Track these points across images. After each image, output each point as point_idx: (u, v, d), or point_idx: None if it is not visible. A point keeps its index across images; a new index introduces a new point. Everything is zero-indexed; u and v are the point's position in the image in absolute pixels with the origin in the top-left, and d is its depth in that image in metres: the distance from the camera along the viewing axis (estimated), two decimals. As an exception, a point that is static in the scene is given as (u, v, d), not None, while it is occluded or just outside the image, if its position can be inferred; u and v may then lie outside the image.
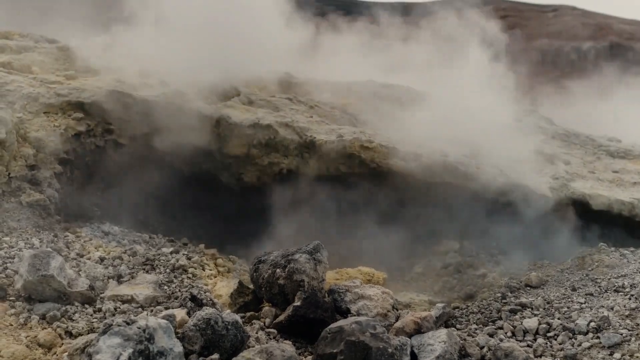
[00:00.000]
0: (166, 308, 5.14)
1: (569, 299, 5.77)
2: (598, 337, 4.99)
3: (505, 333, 5.33)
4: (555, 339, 5.14)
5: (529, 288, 6.33)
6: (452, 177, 7.90)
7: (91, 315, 4.95)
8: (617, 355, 4.78)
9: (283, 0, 10.20)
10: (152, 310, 5.12)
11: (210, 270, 6.32)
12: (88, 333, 4.66)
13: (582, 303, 5.64)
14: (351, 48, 11.84)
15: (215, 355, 4.33)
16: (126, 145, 7.65)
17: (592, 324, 5.16)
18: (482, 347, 5.07)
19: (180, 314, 4.78)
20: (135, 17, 9.02)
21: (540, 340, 5.16)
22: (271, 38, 9.59)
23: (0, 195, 6.22)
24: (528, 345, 5.11)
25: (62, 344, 4.57)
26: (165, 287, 5.60)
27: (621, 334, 4.95)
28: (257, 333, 4.93)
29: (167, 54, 8.44)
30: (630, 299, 5.52)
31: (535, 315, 5.55)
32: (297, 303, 5.13)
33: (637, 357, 4.72)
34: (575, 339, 5.07)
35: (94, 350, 3.96)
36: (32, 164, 6.68)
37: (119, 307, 5.09)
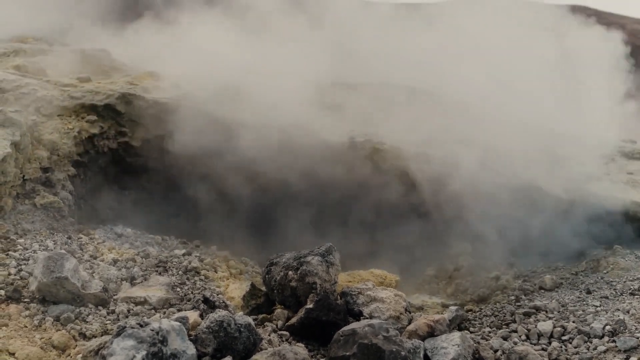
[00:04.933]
0: (179, 310, 5.16)
1: (584, 302, 5.71)
2: (614, 341, 4.93)
3: (520, 336, 5.27)
4: (570, 343, 5.09)
5: (543, 291, 6.26)
6: (461, 178, 7.84)
7: (105, 317, 4.98)
8: (633, 359, 4.71)
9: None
10: (165, 312, 5.14)
11: (223, 272, 6.32)
12: (102, 335, 4.70)
13: (597, 306, 5.57)
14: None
15: (228, 358, 4.33)
16: (138, 148, 7.69)
17: (608, 327, 5.10)
18: (495, 351, 5.02)
19: (193, 316, 4.78)
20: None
21: (555, 343, 5.10)
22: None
23: (15, 198, 6.27)
24: (543, 349, 5.06)
25: (76, 345, 4.60)
26: (178, 289, 5.62)
27: (637, 338, 4.87)
28: (269, 335, 4.93)
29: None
30: (646, 302, 5.45)
31: (550, 318, 5.49)
32: (310, 305, 5.11)
33: (654, 361, 4.66)
34: (591, 342, 5.01)
35: (108, 352, 3.97)
36: (46, 167, 6.73)
37: (132, 309, 5.12)
